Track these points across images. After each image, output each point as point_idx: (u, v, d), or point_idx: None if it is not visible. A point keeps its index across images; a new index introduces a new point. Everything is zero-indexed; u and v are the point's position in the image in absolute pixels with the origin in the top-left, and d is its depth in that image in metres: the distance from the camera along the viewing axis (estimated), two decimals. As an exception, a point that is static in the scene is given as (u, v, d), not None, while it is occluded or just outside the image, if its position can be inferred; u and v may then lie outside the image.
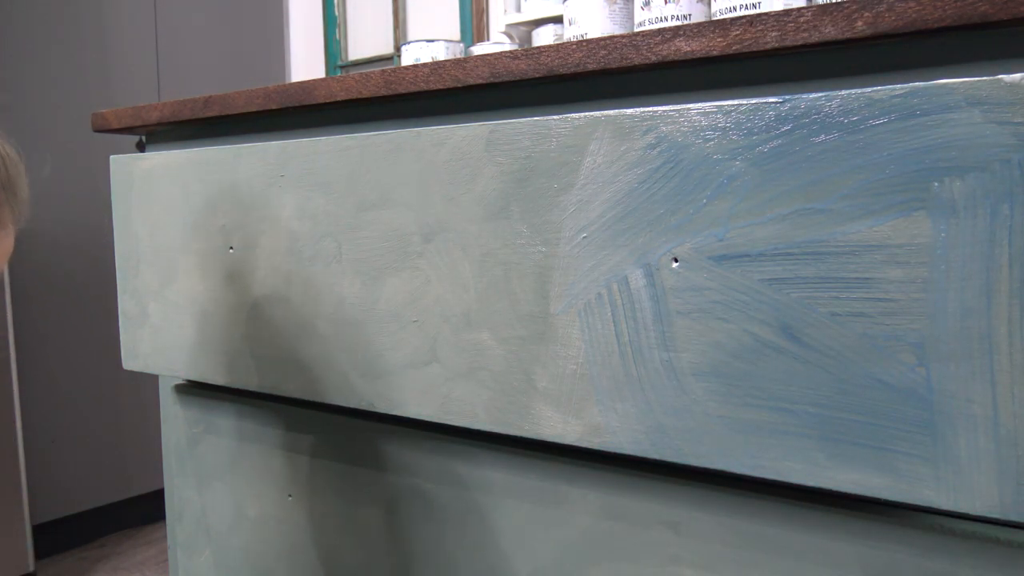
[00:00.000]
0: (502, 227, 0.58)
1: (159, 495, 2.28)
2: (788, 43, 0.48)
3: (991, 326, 0.41)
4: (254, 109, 0.76)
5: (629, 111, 0.52)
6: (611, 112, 0.52)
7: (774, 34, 0.49)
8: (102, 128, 0.89)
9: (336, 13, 2.79)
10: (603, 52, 0.56)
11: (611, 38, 0.55)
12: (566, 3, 1.20)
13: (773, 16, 0.49)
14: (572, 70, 0.57)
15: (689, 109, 0.49)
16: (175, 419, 0.88)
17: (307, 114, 0.77)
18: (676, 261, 0.50)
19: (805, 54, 0.51)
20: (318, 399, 0.70)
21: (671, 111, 0.50)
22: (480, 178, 0.58)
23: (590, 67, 0.56)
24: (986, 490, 0.42)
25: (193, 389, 0.86)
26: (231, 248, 0.75)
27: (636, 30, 0.95)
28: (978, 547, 0.45)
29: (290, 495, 0.78)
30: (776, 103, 0.46)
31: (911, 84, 0.42)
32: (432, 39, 1.53)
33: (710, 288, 0.49)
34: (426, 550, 0.69)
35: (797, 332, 0.46)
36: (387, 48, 2.67)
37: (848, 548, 0.49)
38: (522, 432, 0.58)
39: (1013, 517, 0.42)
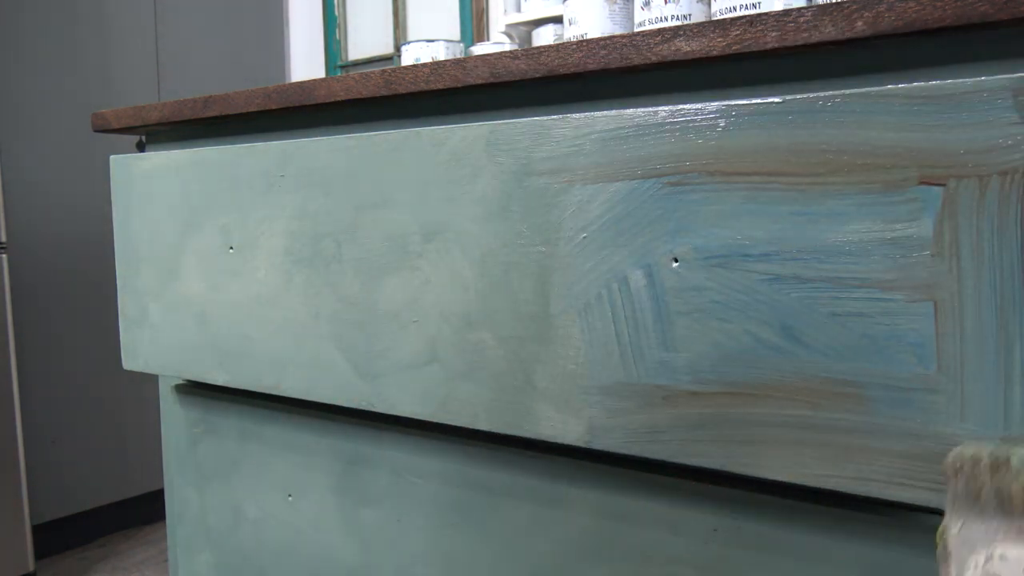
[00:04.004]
0: (502, 227, 0.58)
1: (159, 495, 2.28)
2: (788, 43, 0.48)
3: (992, 326, 0.41)
4: (254, 109, 0.76)
5: (628, 111, 0.52)
6: (610, 112, 0.52)
7: (774, 34, 0.49)
8: (102, 128, 0.89)
9: (336, 13, 2.79)
10: (603, 52, 0.56)
11: (611, 38, 0.55)
12: (566, 3, 1.20)
13: (773, 16, 0.49)
14: (572, 70, 0.57)
15: (689, 109, 0.49)
16: (175, 419, 0.88)
17: (307, 114, 0.77)
18: (676, 261, 0.50)
19: (805, 54, 0.51)
20: (318, 399, 0.70)
21: (672, 111, 0.50)
22: (480, 178, 0.59)
23: (590, 67, 0.56)
24: (986, 490, 0.42)
25: (193, 389, 0.86)
26: (231, 248, 0.75)
27: (636, 30, 0.95)
28: (978, 547, 0.45)
29: (290, 495, 0.78)
30: (776, 103, 0.46)
31: (911, 84, 0.42)
32: (432, 39, 1.53)
33: (710, 288, 0.49)
34: (426, 550, 0.69)
35: (797, 332, 0.46)
36: (387, 48, 2.67)
37: (848, 548, 0.49)
38: (522, 432, 0.58)
39: (1013, 517, 0.41)
